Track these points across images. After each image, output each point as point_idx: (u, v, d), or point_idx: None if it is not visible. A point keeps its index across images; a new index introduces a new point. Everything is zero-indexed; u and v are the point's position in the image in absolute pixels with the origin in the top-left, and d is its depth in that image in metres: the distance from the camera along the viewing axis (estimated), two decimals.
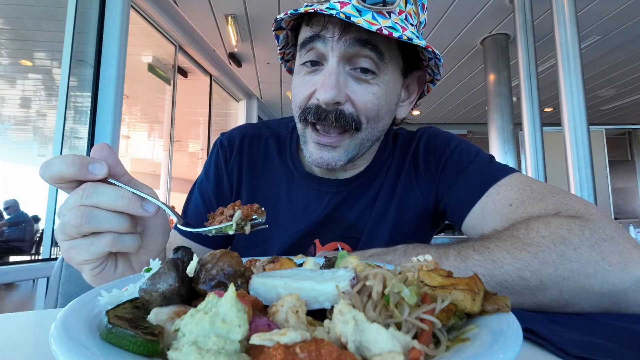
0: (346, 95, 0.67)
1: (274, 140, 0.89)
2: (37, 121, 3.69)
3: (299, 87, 0.72)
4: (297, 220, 0.83)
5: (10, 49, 3.07)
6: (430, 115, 8.59)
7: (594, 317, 0.51)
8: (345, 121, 0.68)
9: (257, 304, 0.32)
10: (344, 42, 0.65)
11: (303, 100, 0.71)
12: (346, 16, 0.60)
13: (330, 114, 0.67)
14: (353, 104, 0.68)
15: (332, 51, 0.66)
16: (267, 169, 0.87)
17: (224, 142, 0.89)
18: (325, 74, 0.66)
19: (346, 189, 0.83)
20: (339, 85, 0.66)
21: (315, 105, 0.68)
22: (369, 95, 0.68)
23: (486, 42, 4.96)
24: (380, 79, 0.69)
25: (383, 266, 0.38)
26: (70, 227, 0.47)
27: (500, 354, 0.25)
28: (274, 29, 0.74)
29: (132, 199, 0.48)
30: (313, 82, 0.69)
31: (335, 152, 0.71)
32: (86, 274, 0.53)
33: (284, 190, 0.85)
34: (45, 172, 0.46)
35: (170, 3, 3.97)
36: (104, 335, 0.28)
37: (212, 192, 0.86)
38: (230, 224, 0.47)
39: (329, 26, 0.65)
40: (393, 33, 0.61)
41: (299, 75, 0.72)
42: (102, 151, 0.49)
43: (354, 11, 0.62)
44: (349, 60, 0.67)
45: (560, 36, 3.21)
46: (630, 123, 9.07)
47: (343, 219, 0.83)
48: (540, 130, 3.80)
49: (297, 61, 0.73)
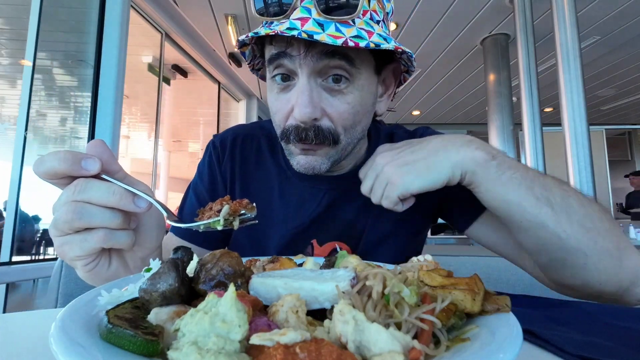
0: (322, 109, 0.66)
1: (265, 139, 0.89)
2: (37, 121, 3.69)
3: (275, 104, 0.71)
4: (291, 218, 0.83)
5: (10, 49, 3.07)
6: (430, 115, 8.59)
7: (594, 317, 0.51)
8: (323, 136, 0.67)
9: (257, 304, 0.32)
10: (311, 57, 0.63)
11: (282, 120, 0.70)
12: (308, 35, 0.57)
13: (310, 132, 0.66)
14: (329, 117, 0.67)
15: (301, 68, 0.64)
16: (259, 168, 0.87)
17: (217, 143, 0.89)
18: (298, 92, 0.65)
19: (339, 186, 0.83)
20: (314, 101, 0.64)
21: (295, 126, 0.67)
22: (344, 105, 0.67)
23: (486, 42, 4.97)
24: (354, 85, 0.67)
25: (383, 266, 0.38)
26: (63, 223, 0.47)
27: (500, 354, 0.25)
28: (237, 48, 0.73)
29: (124, 195, 0.48)
30: (287, 100, 0.68)
31: (318, 155, 0.71)
32: (79, 270, 0.53)
33: (277, 189, 0.85)
34: (38, 167, 0.47)
35: (170, 3, 3.97)
36: (104, 335, 0.28)
37: (207, 193, 0.86)
38: (218, 219, 0.47)
39: (294, 43, 0.63)
40: (359, 43, 0.59)
41: (272, 92, 0.71)
42: (96, 147, 0.49)
43: (315, 27, 0.59)
44: (320, 72, 0.65)
45: (560, 36, 3.21)
46: (630, 123, 9.07)
47: (339, 218, 0.83)
48: (540, 130, 3.80)
49: (268, 76, 0.72)
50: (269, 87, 0.72)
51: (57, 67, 3.26)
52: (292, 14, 0.62)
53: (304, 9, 0.62)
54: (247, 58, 0.77)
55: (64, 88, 3.38)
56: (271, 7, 0.64)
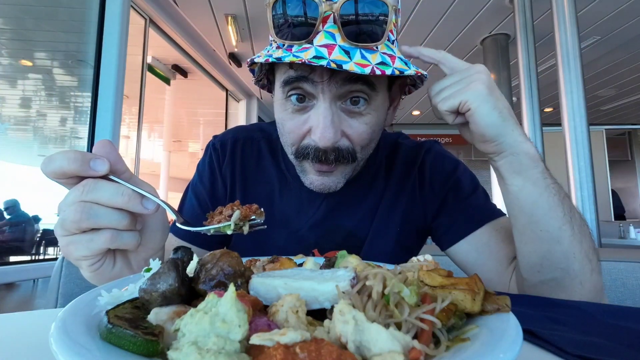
0: (341, 131, 0.67)
1: (265, 143, 0.89)
2: (37, 121, 3.68)
3: (289, 124, 0.69)
4: (291, 221, 0.83)
5: (10, 49, 3.07)
6: (430, 115, 8.59)
7: (594, 317, 0.51)
8: (342, 157, 0.68)
9: (257, 304, 0.32)
10: (334, 83, 0.62)
11: (296, 139, 0.70)
12: (337, 65, 0.56)
13: (330, 154, 0.66)
14: (348, 137, 0.68)
15: (323, 93, 0.63)
16: (259, 171, 0.87)
17: (217, 146, 0.89)
18: (319, 117, 0.64)
19: (339, 193, 0.83)
20: (335, 126, 0.64)
21: (314, 147, 0.67)
22: (363, 126, 0.68)
23: (486, 42, 4.97)
24: (371, 107, 0.68)
25: (383, 266, 0.38)
26: (70, 223, 0.47)
27: (500, 354, 0.25)
28: (248, 66, 0.71)
29: (132, 196, 0.48)
30: (304, 121, 0.67)
31: (334, 176, 0.71)
32: (84, 270, 0.53)
33: (277, 192, 0.85)
34: (47, 167, 0.47)
35: (170, 3, 3.97)
36: (104, 335, 0.28)
37: (207, 195, 0.86)
38: (229, 224, 0.47)
39: (317, 69, 0.62)
40: (385, 71, 0.59)
41: (286, 111, 0.69)
42: (103, 148, 0.50)
43: (342, 55, 0.58)
44: (340, 96, 0.65)
45: (560, 36, 3.21)
46: (630, 123, 9.06)
47: (341, 227, 0.84)
48: (540, 130, 3.80)
49: (279, 94, 0.70)
50: (281, 105, 0.70)
51: (57, 67, 3.26)
52: (315, 39, 0.60)
53: (327, 34, 0.60)
54: (255, 75, 0.75)
55: (64, 88, 3.39)
56: (292, 31, 0.61)
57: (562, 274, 0.63)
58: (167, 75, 5.37)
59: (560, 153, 3.20)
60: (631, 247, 4.13)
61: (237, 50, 5.22)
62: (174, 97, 6.89)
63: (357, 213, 0.84)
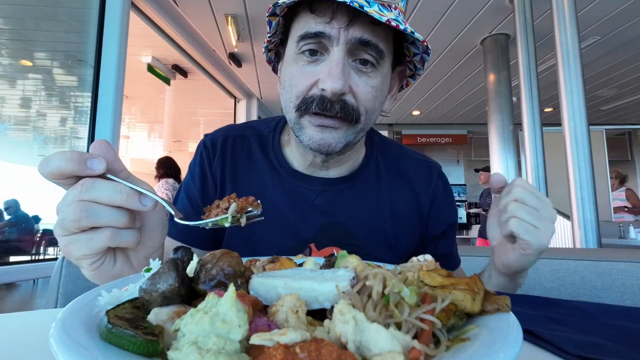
0: (349, 86, 0.68)
1: (256, 139, 0.90)
2: (37, 121, 3.68)
3: (297, 76, 0.71)
4: (284, 216, 0.83)
5: (11, 49, 3.07)
6: (430, 115, 8.59)
7: (594, 317, 0.51)
8: (347, 112, 0.69)
9: (257, 304, 0.32)
10: (351, 33, 0.66)
11: (303, 90, 0.70)
12: (359, 5, 0.60)
13: (336, 104, 0.68)
14: (354, 95, 0.69)
15: (338, 43, 0.66)
16: (250, 168, 0.87)
17: (207, 144, 0.89)
18: (331, 64, 0.66)
19: (333, 188, 0.84)
20: (345, 75, 0.67)
21: (320, 96, 0.68)
22: (368, 87, 0.70)
23: (486, 42, 4.97)
24: (378, 72, 0.70)
25: (383, 266, 0.38)
26: (69, 222, 0.47)
27: (500, 354, 0.25)
28: (268, 14, 0.73)
29: (130, 194, 0.48)
30: (314, 72, 0.69)
31: (336, 132, 0.72)
32: (85, 269, 0.53)
33: (269, 188, 0.85)
34: (44, 167, 0.47)
35: (170, 3, 3.97)
36: (104, 335, 0.28)
37: (198, 193, 0.87)
38: (226, 216, 0.47)
39: (338, 15, 0.65)
40: (400, 25, 0.63)
41: (297, 64, 0.71)
42: (100, 147, 0.50)
43: (363, 1, 0.62)
44: (352, 53, 0.68)
45: (560, 36, 3.21)
46: (630, 123, 9.07)
47: (338, 224, 0.84)
48: (540, 130, 3.81)
49: (292, 50, 0.72)
50: (292, 60, 0.72)
51: (57, 67, 3.26)
52: None
53: None
54: (270, 29, 0.77)
55: (64, 88, 3.38)
56: None
57: None
58: (167, 75, 5.36)
59: (560, 153, 3.20)
60: (631, 247, 4.13)
61: (237, 50, 5.22)
62: (174, 97, 6.89)
63: (353, 212, 0.84)
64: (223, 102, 6.85)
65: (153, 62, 5.01)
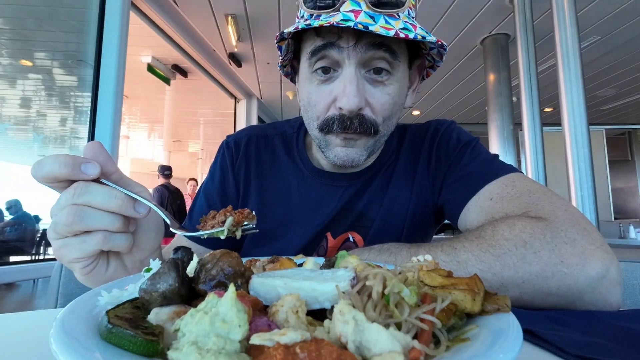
0: (365, 99, 0.68)
1: (280, 139, 0.90)
2: (37, 121, 3.68)
3: (315, 97, 0.71)
4: (311, 216, 0.82)
5: (11, 49, 3.07)
6: (430, 115, 8.59)
7: (594, 317, 0.51)
8: (365, 126, 0.69)
9: (257, 304, 0.32)
10: (360, 48, 0.65)
11: (322, 111, 0.71)
12: (364, 26, 0.60)
13: (354, 120, 0.68)
14: (371, 107, 0.69)
15: (349, 59, 0.66)
16: (275, 168, 0.87)
17: (230, 144, 0.89)
18: (345, 82, 0.66)
19: (358, 181, 0.84)
20: (360, 91, 0.66)
21: (339, 115, 0.69)
22: (385, 97, 0.69)
23: (486, 42, 4.96)
24: (394, 77, 0.70)
25: (383, 266, 0.38)
26: (62, 226, 0.47)
27: (500, 353, 0.25)
28: (277, 42, 0.73)
29: (125, 200, 0.48)
30: (330, 91, 0.69)
31: (357, 147, 0.72)
32: (77, 272, 0.53)
33: (294, 188, 0.85)
34: (37, 172, 0.46)
35: (170, 3, 3.97)
36: (104, 335, 0.28)
37: (217, 194, 0.86)
38: (222, 229, 0.47)
39: (344, 35, 0.65)
40: (408, 35, 0.62)
41: (312, 84, 0.71)
42: (93, 149, 0.50)
43: (368, 19, 0.62)
44: (364, 64, 0.67)
45: (560, 36, 3.21)
46: (630, 123, 9.06)
47: (354, 209, 0.83)
48: (540, 130, 3.80)
49: (305, 69, 0.73)
50: (307, 79, 0.73)
51: (57, 67, 3.26)
52: (342, 7, 0.64)
53: (353, 2, 0.64)
54: (282, 52, 0.77)
55: (64, 88, 3.38)
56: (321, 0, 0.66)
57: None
58: (167, 75, 5.37)
59: (560, 153, 3.20)
60: (631, 247, 4.13)
61: (237, 50, 5.21)
62: (174, 97, 6.89)
63: (368, 194, 0.84)
64: (223, 102, 6.84)
65: (153, 62, 5.02)
